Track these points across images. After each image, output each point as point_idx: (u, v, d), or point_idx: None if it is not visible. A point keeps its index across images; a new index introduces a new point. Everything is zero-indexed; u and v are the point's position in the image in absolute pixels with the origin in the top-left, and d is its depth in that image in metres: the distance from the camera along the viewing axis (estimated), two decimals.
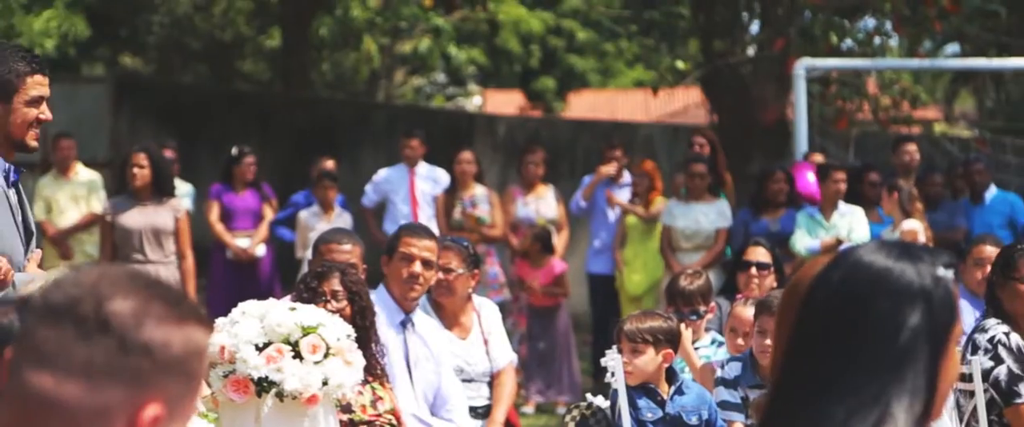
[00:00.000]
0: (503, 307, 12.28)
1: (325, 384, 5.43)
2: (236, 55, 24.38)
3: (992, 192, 12.41)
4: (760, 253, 8.13)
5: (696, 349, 7.04)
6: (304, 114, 18.69)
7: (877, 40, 14.58)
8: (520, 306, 12.14)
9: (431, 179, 12.85)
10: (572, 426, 6.20)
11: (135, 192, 10.60)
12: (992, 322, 5.93)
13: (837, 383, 2.22)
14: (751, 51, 14.83)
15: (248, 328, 5.47)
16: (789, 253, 10.98)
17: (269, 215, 12.76)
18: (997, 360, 5.79)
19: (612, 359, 6.04)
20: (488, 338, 7.26)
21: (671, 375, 6.13)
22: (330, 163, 13.41)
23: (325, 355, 5.49)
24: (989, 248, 8.10)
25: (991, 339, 5.83)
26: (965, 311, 7.64)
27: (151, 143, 11.53)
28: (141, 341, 1.97)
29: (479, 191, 12.50)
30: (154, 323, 1.99)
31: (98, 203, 12.31)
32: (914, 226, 10.59)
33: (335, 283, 6.07)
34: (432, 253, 6.69)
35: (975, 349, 5.85)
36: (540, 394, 11.99)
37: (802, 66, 12.82)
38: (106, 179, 13.27)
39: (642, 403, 6.04)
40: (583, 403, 6.26)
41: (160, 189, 10.58)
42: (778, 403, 2.31)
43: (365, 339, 6.01)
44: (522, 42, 27.01)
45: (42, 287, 2.01)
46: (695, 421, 6.04)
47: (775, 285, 7.95)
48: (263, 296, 5.91)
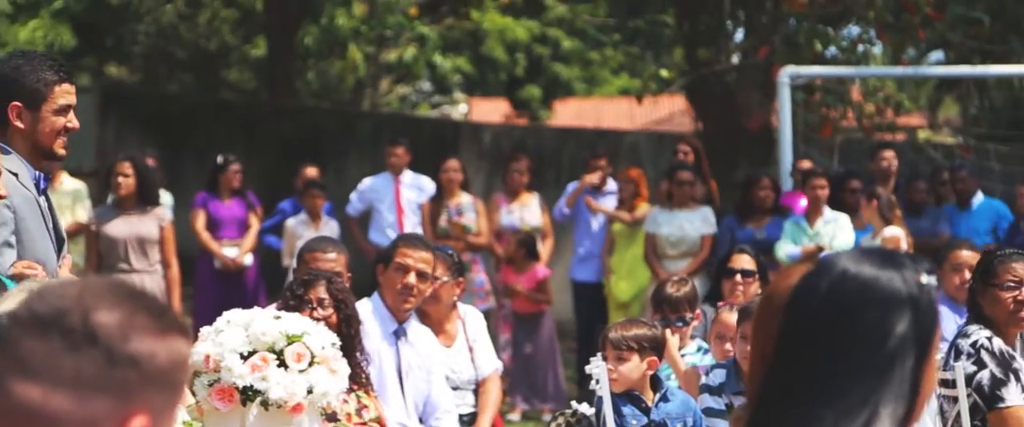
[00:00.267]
0: (488, 315, 12.32)
1: (310, 393, 5.43)
2: (221, 64, 24.38)
3: (979, 199, 12.46)
4: (745, 260, 8.15)
5: (682, 356, 7.06)
6: (289, 123, 18.70)
7: (860, 48, 14.60)
8: (505, 314, 12.17)
9: (416, 187, 12.87)
10: None
11: (120, 201, 10.61)
12: (974, 327, 5.95)
13: (826, 389, 2.25)
14: (735, 59, 14.86)
15: (233, 337, 5.48)
16: (774, 260, 11.01)
17: (255, 223, 12.76)
18: (980, 365, 5.80)
19: (597, 366, 6.05)
20: (473, 346, 7.29)
21: (656, 382, 6.15)
22: (313, 171, 13.43)
23: (310, 363, 5.50)
24: (965, 253, 8.13)
25: (974, 344, 5.85)
26: (945, 317, 7.66)
27: (136, 152, 11.53)
28: (128, 353, 1.97)
29: (465, 199, 12.54)
30: (140, 335, 1.99)
31: (83, 212, 12.29)
32: (896, 233, 10.62)
33: (321, 291, 6.09)
34: (428, 265, 6.72)
35: (958, 355, 5.86)
36: (525, 402, 12.02)
37: (786, 74, 12.85)
38: (92, 188, 13.25)
39: (627, 410, 6.06)
40: (568, 410, 6.28)
41: (145, 198, 10.58)
42: (763, 409, 2.33)
43: (350, 347, 6.03)
44: (508, 50, 27.04)
45: (25, 298, 2.01)
46: None
47: (759, 292, 7.97)
48: (248, 305, 5.92)
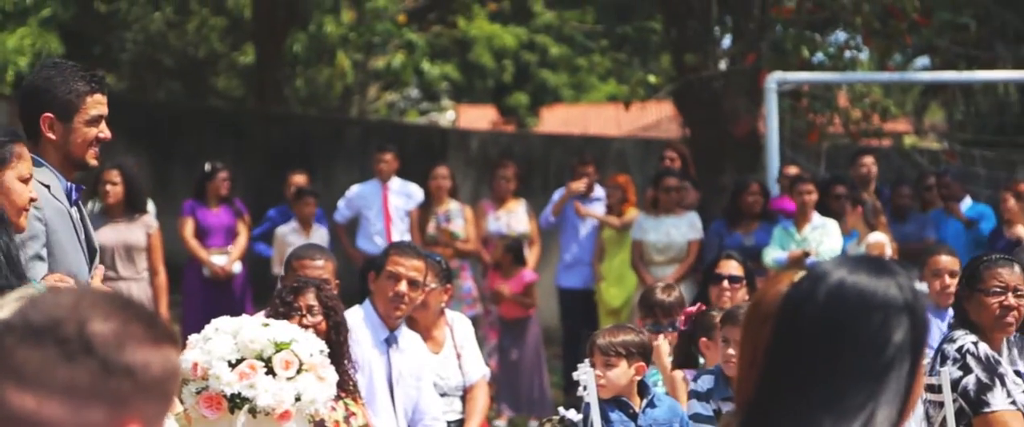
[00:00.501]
0: (476, 321, 12.35)
1: (298, 400, 5.44)
2: (210, 72, 24.37)
3: (967, 204, 12.49)
4: (732, 266, 8.16)
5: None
6: (277, 130, 18.70)
7: (847, 54, 14.64)
8: (492, 320, 12.19)
9: (404, 194, 12.88)
10: None
11: (107, 209, 10.60)
12: (960, 333, 5.96)
13: (824, 394, 2.29)
14: (723, 65, 14.89)
15: (221, 344, 5.48)
16: (762, 266, 11.03)
17: (243, 231, 12.75)
18: (966, 370, 5.82)
19: (585, 372, 6.07)
20: (461, 352, 7.30)
21: (643, 388, 6.17)
22: (301, 178, 13.42)
23: (298, 371, 5.51)
24: (945, 258, 8.15)
25: (960, 349, 5.86)
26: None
27: (124, 159, 11.53)
28: (123, 362, 1.98)
29: (453, 206, 12.56)
30: (135, 345, 1.99)
31: None
32: (880, 239, 10.64)
33: (310, 298, 6.10)
34: (419, 273, 6.73)
35: (944, 360, 5.87)
36: (511, 408, 12.04)
37: (773, 80, 12.88)
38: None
39: (614, 416, 6.07)
40: (555, 417, 6.28)
41: (132, 206, 10.57)
42: (756, 414, 2.36)
43: (339, 355, 6.04)
44: (495, 57, 27.07)
45: (20, 307, 2.01)
46: None
47: (747, 298, 7.98)
48: (236, 312, 5.92)
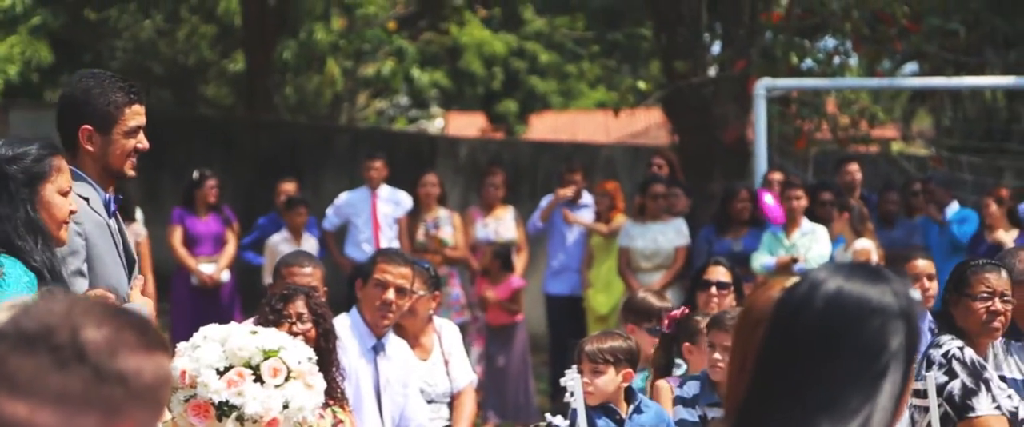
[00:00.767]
0: (464, 328, 12.37)
1: (286, 407, 5.46)
2: (199, 79, 24.37)
3: (954, 209, 12.52)
4: (720, 272, 8.17)
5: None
6: (267, 138, 18.71)
7: (837, 60, 14.67)
8: (479, 327, 12.21)
9: (393, 201, 12.90)
10: None
11: None
12: (946, 338, 5.98)
13: (822, 399, 2.33)
14: (712, 72, 14.92)
15: (209, 352, 5.49)
16: (751, 272, 11.05)
17: (232, 239, 12.76)
18: (951, 375, 5.84)
19: (572, 378, 6.09)
20: (449, 359, 7.31)
21: (629, 394, 6.19)
22: (291, 186, 13.43)
23: (286, 378, 5.52)
24: (921, 262, 8.17)
25: (945, 354, 5.89)
26: None
27: None
28: (116, 370, 1.98)
29: (442, 213, 12.59)
30: (128, 352, 2.00)
31: None
32: (866, 246, 10.66)
33: (300, 305, 6.10)
34: (407, 280, 6.73)
35: (930, 365, 5.90)
36: (498, 415, 12.05)
37: (762, 86, 12.91)
38: None
39: (601, 423, 6.09)
40: (542, 423, 6.30)
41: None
42: (748, 419, 2.40)
43: (327, 362, 6.05)
44: (485, 64, 27.07)
45: (12, 315, 2.02)
46: None
47: (735, 304, 7.99)
48: (225, 320, 5.93)
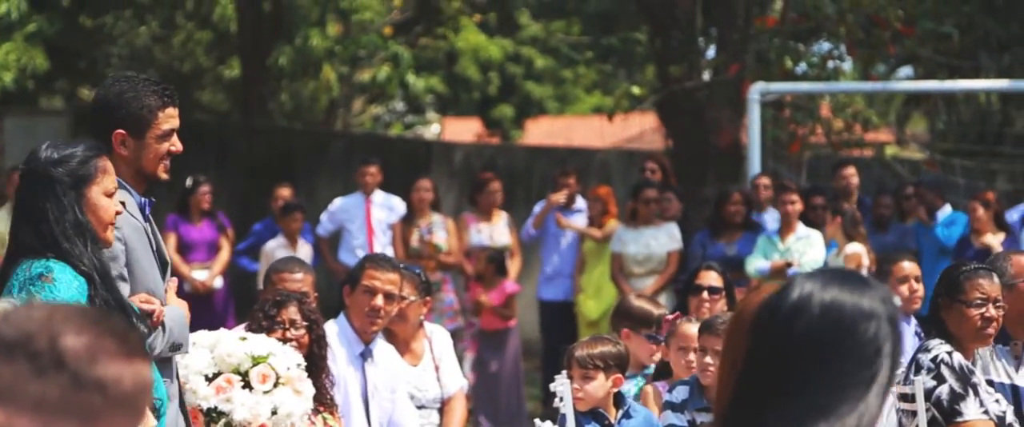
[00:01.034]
0: (457, 334, 12.36)
1: (274, 413, 5.47)
2: (195, 86, 24.36)
3: (946, 212, 12.53)
4: (712, 277, 8.16)
5: (645, 373, 7.10)
6: (261, 143, 18.71)
7: (831, 64, 14.68)
8: (474, 332, 12.21)
9: (387, 207, 12.90)
10: None
11: None
12: (935, 342, 5.98)
13: (817, 404, 2.40)
14: (706, 76, 14.93)
15: (198, 358, 5.51)
16: (745, 276, 11.05)
17: (225, 246, 12.76)
18: (939, 379, 5.84)
19: (561, 384, 6.10)
20: (439, 364, 7.31)
21: (619, 399, 6.20)
22: (286, 191, 13.44)
23: (275, 384, 5.53)
24: (907, 264, 8.17)
25: (934, 358, 5.89)
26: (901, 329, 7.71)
27: None
28: (94, 377, 1.98)
29: (436, 219, 12.59)
30: (107, 359, 2.00)
31: None
32: (857, 250, 10.67)
33: (293, 312, 6.10)
34: (395, 286, 6.72)
35: (918, 369, 5.90)
36: (489, 420, 12.05)
37: (756, 90, 12.92)
38: None
39: None
40: None
41: None
42: (738, 422, 2.45)
43: (319, 368, 6.06)
44: (481, 69, 27.08)
45: None
46: None
47: (726, 309, 7.99)
48: (217, 327, 5.93)
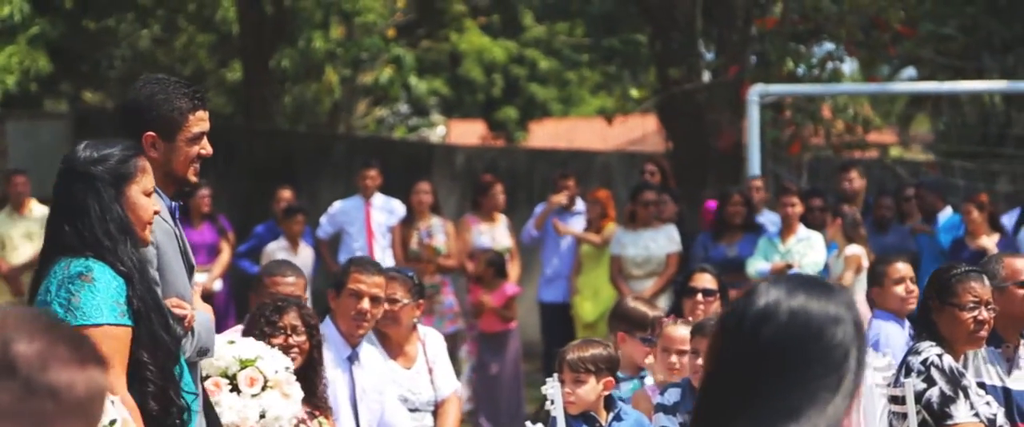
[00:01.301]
0: (457, 336, 12.37)
1: (263, 417, 5.46)
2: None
3: (947, 214, 12.51)
4: (706, 279, 8.16)
5: (641, 376, 7.10)
6: (263, 146, 18.72)
7: (830, 65, 14.68)
8: (474, 335, 12.20)
9: (387, 210, 12.91)
10: None
11: None
12: (925, 344, 5.97)
13: (787, 407, 2.44)
14: (706, 77, 14.93)
15: None
16: (746, 278, 11.05)
17: (226, 249, 12.77)
18: (929, 382, 5.83)
19: (552, 387, 6.11)
20: (433, 367, 7.31)
21: (609, 402, 6.20)
22: (288, 193, 13.46)
23: (263, 388, 5.53)
24: (902, 265, 8.17)
25: (924, 361, 5.88)
26: (894, 332, 7.69)
27: None
28: (46, 383, 1.97)
29: (435, 221, 12.59)
30: (59, 365, 1.99)
31: None
32: (857, 252, 10.66)
33: (294, 317, 6.12)
34: (380, 289, 6.73)
35: (908, 372, 5.90)
36: (489, 422, 12.04)
37: (755, 92, 12.92)
38: None
39: None
40: None
41: None
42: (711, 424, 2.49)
43: (317, 374, 6.08)
44: (485, 71, 27.08)
45: None
46: None
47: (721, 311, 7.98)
48: (219, 329, 5.93)
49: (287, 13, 20.29)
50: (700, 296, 8.07)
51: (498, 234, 12.66)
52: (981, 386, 6.05)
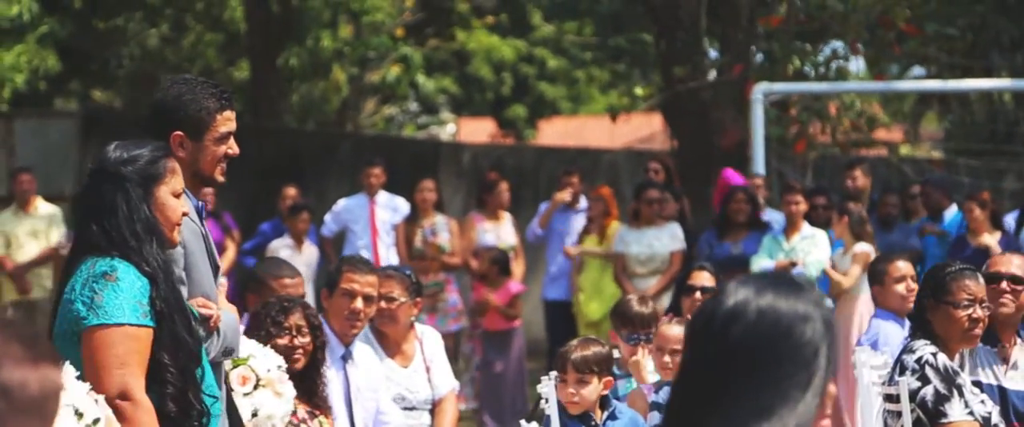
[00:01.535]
0: (461, 335, 12.36)
1: (255, 415, 5.46)
2: None
3: (953, 212, 12.49)
4: (705, 277, 8.16)
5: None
6: (270, 144, 18.73)
7: (834, 64, 14.66)
8: (478, 333, 12.20)
9: (391, 208, 12.91)
10: None
11: None
12: (920, 343, 5.96)
13: (758, 405, 2.46)
14: (711, 76, 14.92)
15: None
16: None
17: (231, 247, 12.78)
18: (924, 380, 5.82)
19: (546, 386, 6.12)
20: (430, 365, 7.31)
21: (603, 400, 6.20)
22: (293, 191, 13.47)
23: (255, 386, 5.53)
24: (903, 264, 8.16)
25: (918, 360, 5.87)
26: (894, 331, 7.68)
27: None
28: None
29: (439, 219, 12.59)
30: (12, 364, 1.99)
31: (58, 237, 12.32)
32: (867, 249, 10.63)
33: (299, 318, 6.13)
34: (373, 288, 6.73)
35: (903, 370, 5.89)
36: (494, 420, 12.04)
37: (759, 91, 12.91)
38: (66, 213, 13.30)
39: None
40: None
41: None
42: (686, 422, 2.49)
43: (319, 373, 6.09)
44: (494, 70, 27.10)
45: None
46: None
47: None
48: None
49: (294, 12, 20.31)
50: (698, 294, 8.06)
51: (503, 232, 12.66)
52: (977, 385, 6.04)
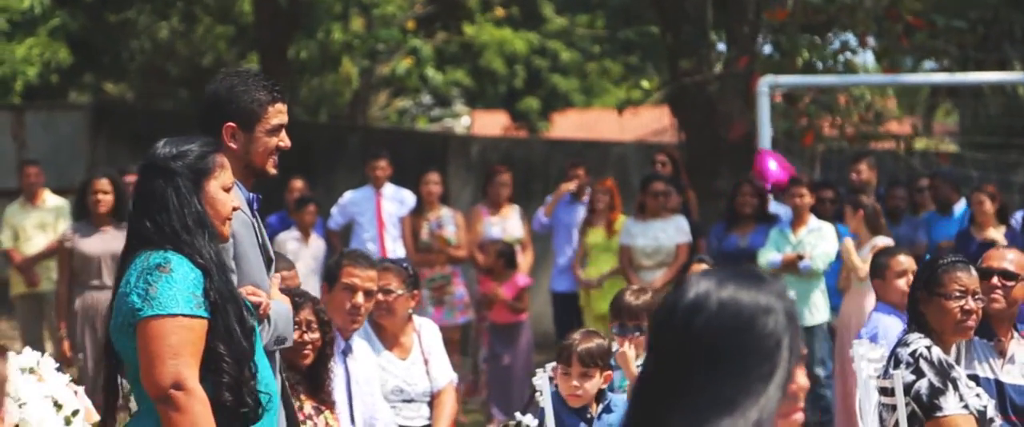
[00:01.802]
0: (468, 328, 12.37)
1: None
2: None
3: (962, 206, 12.47)
4: (703, 270, 8.14)
5: (638, 365, 7.09)
6: None
7: (842, 57, 14.62)
8: (485, 326, 12.21)
9: (397, 200, 12.92)
10: None
11: (97, 218, 10.69)
12: (915, 336, 5.95)
13: (720, 399, 2.45)
14: (718, 68, 14.89)
15: None
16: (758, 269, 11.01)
17: None
18: (918, 374, 5.81)
19: (541, 378, 6.12)
20: (428, 358, 7.31)
21: (599, 393, 6.20)
22: (300, 183, 13.48)
23: None
24: (904, 258, 8.14)
25: (913, 353, 5.86)
26: (893, 325, 7.66)
27: (113, 169, 11.60)
28: None
29: (445, 212, 12.60)
30: None
31: (64, 230, 12.34)
32: (887, 242, 10.56)
33: (309, 313, 6.15)
34: (373, 283, 6.74)
35: (897, 363, 5.88)
36: (502, 413, 12.05)
37: (765, 83, 12.89)
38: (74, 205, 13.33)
39: (570, 422, 6.12)
40: (512, 422, 6.31)
41: (121, 215, 10.64)
42: (649, 417, 2.49)
43: (327, 369, 6.10)
44: (507, 63, 27.10)
45: None
46: None
47: None
48: None
49: (303, 5, 20.32)
50: None
51: (509, 225, 12.67)
52: (974, 378, 6.03)
